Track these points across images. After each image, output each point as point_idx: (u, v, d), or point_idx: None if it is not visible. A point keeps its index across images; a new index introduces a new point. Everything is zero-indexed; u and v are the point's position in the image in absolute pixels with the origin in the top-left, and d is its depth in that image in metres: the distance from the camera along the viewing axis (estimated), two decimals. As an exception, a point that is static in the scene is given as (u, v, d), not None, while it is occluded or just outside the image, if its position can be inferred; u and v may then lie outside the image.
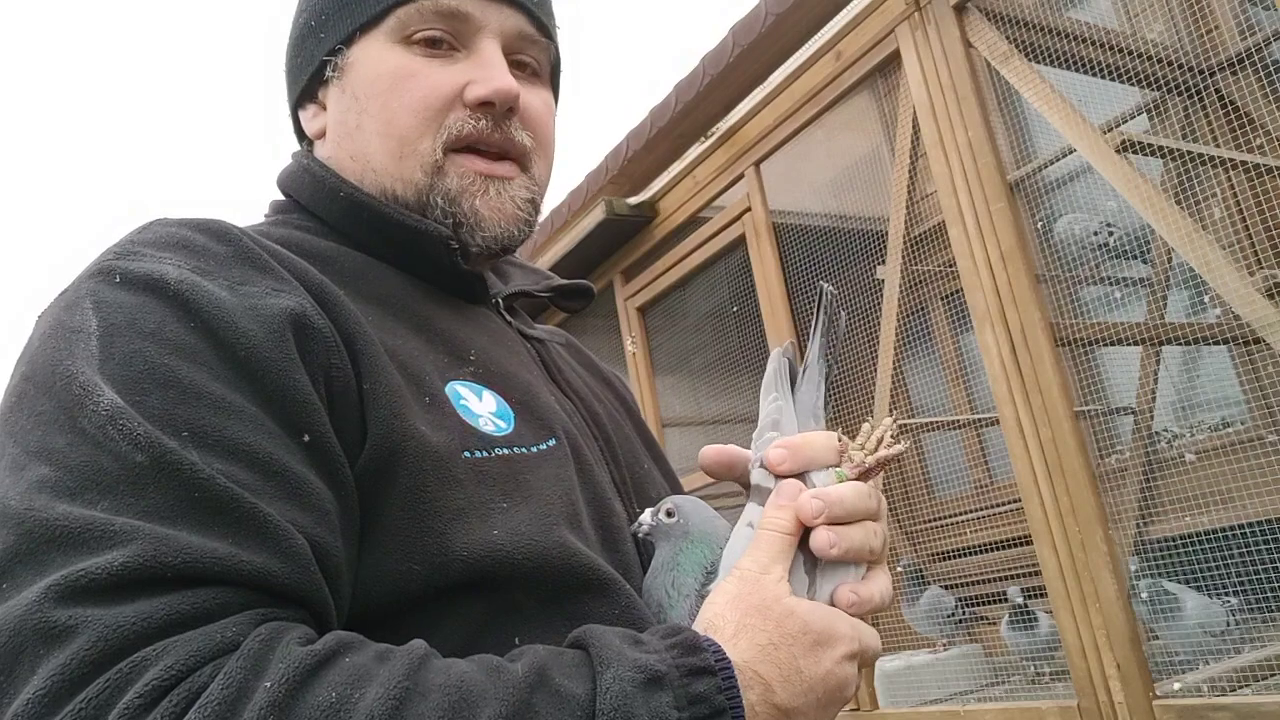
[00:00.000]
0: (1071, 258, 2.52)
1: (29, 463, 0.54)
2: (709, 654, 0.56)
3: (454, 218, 0.78)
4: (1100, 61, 2.33)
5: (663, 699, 0.53)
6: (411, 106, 0.77)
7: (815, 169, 3.20)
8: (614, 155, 3.58)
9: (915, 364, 2.92)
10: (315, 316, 0.63)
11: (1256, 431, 2.29)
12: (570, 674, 0.54)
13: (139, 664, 0.47)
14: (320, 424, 0.60)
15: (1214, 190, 2.49)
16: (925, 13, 2.43)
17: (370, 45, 0.79)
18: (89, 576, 0.49)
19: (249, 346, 0.59)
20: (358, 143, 0.80)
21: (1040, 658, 2.48)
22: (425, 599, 0.62)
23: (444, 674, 0.52)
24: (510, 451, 0.69)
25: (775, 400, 0.74)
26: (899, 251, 2.63)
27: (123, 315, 0.59)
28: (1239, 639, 2.09)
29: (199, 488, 0.53)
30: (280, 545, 0.54)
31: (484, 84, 0.77)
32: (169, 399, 0.56)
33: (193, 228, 0.67)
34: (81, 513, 0.51)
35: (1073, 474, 2.09)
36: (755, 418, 0.76)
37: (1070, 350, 2.32)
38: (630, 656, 0.55)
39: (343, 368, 0.63)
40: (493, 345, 0.79)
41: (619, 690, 0.52)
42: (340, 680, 0.49)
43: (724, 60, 2.95)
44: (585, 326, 4.19)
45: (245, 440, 0.56)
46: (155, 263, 0.62)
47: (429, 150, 0.77)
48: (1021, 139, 2.44)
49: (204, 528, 0.52)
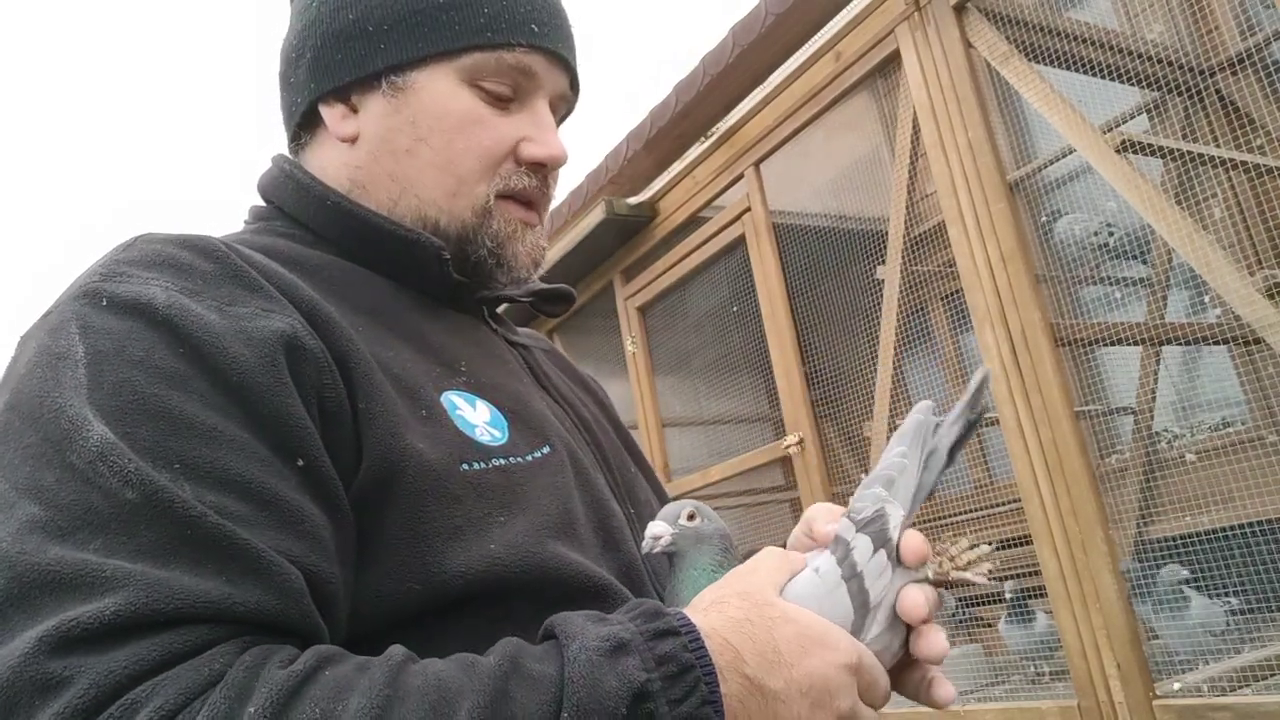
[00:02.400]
0: (1071, 258, 2.52)
1: (18, 500, 0.53)
2: (672, 618, 0.57)
3: (497, 259, 0.81)
4: (1100, 61, 2.33)
5: (629, 662, 0.53)
6: (476, 152, 0.79)
7: (815, 169, 3.19)
8: (614, 155, 3.58)
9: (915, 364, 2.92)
10: (306, 337, 0.63)
11: (1257, 431, 2.29)
12: (541, 658, 0.55)
13: (130, 706, 0.47)
14: (314, 448, 0.60)
15: (1214, 190, 2.49)
16: (925, 13, 2.43)
17: (440, 77, 0.79)
18: (81, 626, 0.49)
19: (240, 372, 0.58)
20: (404, 166, 0.80)
21: (1040, 657, 2.48)
22: (424, 615, 0.62)
23: (421, 676, 0.53)
24: (507, 461, 0.70)
25: (903, 458, 0.71)
26: (899, 251, 2.62)
27: (110, 341, 0.57)
28: (1239, 639, 2.09)
29: (190, 525, 0.52)
30: (273, 580, 0.54)
31: (542, 147, 0.81)
32: (159, 430, 0.55)
33: (178, 245, 0.66)
34: (74, 556, 0.51)
35: (1073, 474, 2.09)
36: (754, 417, 0.75)
37: (1070, 350, 2.32)
38: (594, 630, 0.55)
39: (335, 388, 0.63)
40: (482, 354, 0.80)
41: (585, 659, 0.53)
42: (322, 695, 0.50)
43: (724, 60, 2.95)
44: (585, 327, 4.19)
45: (238, 471, 0.55)
46: (142, 285, 0.61)
47: (482, 195, 0.80)
48: (1021, 139, 2.44)
49: (197, 566, 0.52)
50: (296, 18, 0.85)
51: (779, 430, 3.12)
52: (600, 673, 0.52)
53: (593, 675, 0.52)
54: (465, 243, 0.80)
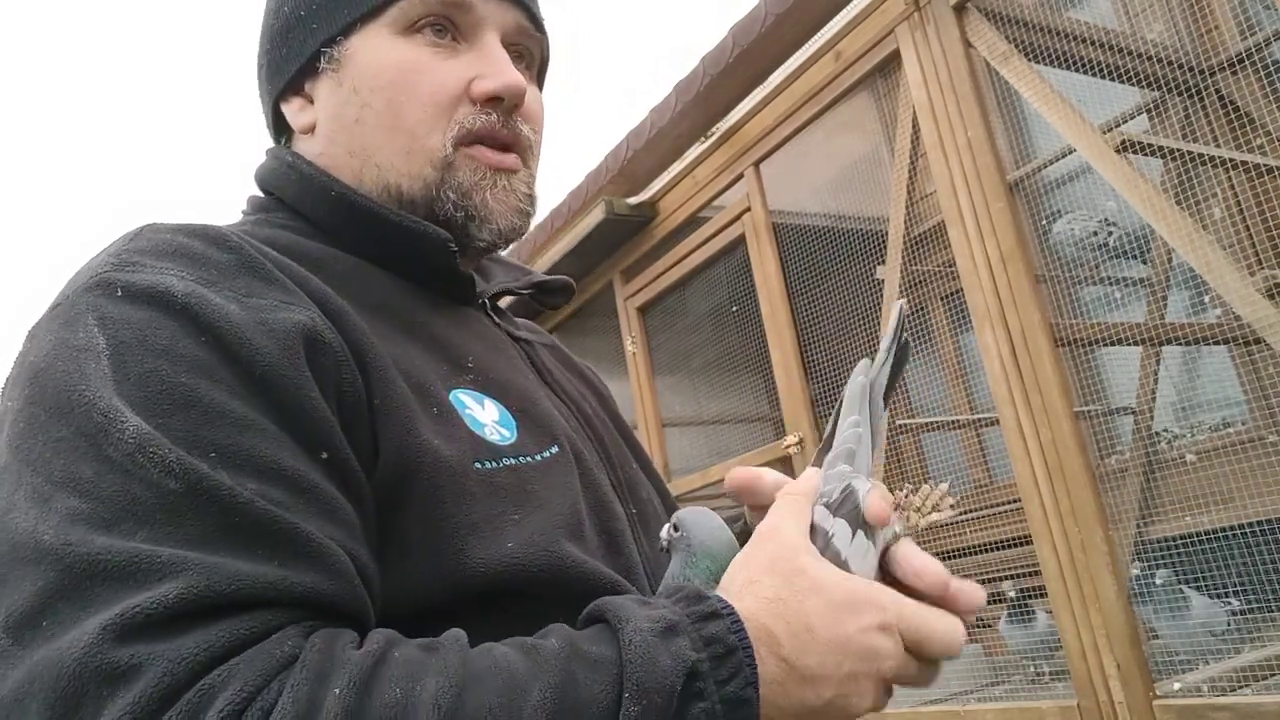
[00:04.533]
0: (1071, 258, 2.52)
1: (55, 494, 0.52)
2: (714, 601, 0.57)
3: (465, 211, 0.76)
4: (1100, 61, 2.33)
5: (680, 643, 0.54)
6: (420, 101, 0.75)
7: (815, 169, 3.20)
8: (614, 155, 3.58)
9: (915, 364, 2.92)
10: (325, 331, 0.62)
11: (1257, 431, 2.29)
12: (595, 640, 0.55)
13: (206, 691, 0.47)
14: (337, 441, 0.59)
15: (1214, 190, 2.49)
16: (925, 13, 2.43)
17: (371, 36, 0.76)
18: (145, 612, 0.48)
19: (265, 364, 0.57)
20: (358, 137, 0.77)
21: (1039, 656, 2.48)
22: (444, 612, 0.62)
23: (488, 658, 0.53)
24: (517, 461, 0.69)
25: (856, 426, 0.69)
26: (899, 251, 2.62)
27: (131, 331, 0.56)
28: (1239, 639, 2.09)
29: (237, 512, 0.52)
30: (326, 562, 0.54)
31: (493, 79, 0.76)
32: (192, 420, 0.54)
33: (189, 234, 0.64)
34: (123, 545, 0.50)
35: (1073, 474, 2.09)
36: (755, 417, 0.75)
37: (1070, 350, 2.32)
38: (644, 613, 0.56)
39: (353, 383, 0.62)
40: (488, 351, 0.78)
41: (640, 641, 0.53)
42: (400, 675, 0.50)
43: (724, 60, 2.95)
44: (585, 327, 4.19)
45: (273, 458, 0.55)
46: (158, 274, 0.59)
47: (438, 145, 0.76)
48: (1021, 139, 2.44)
49: (249, 552, 0.51)
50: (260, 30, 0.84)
51: (779, 430, 3.12)
52: (655, 652, 0.53)
53: (649, 655, 0.53)
54: (433, 202, 0.76)
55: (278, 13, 0.81)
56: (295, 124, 0.81)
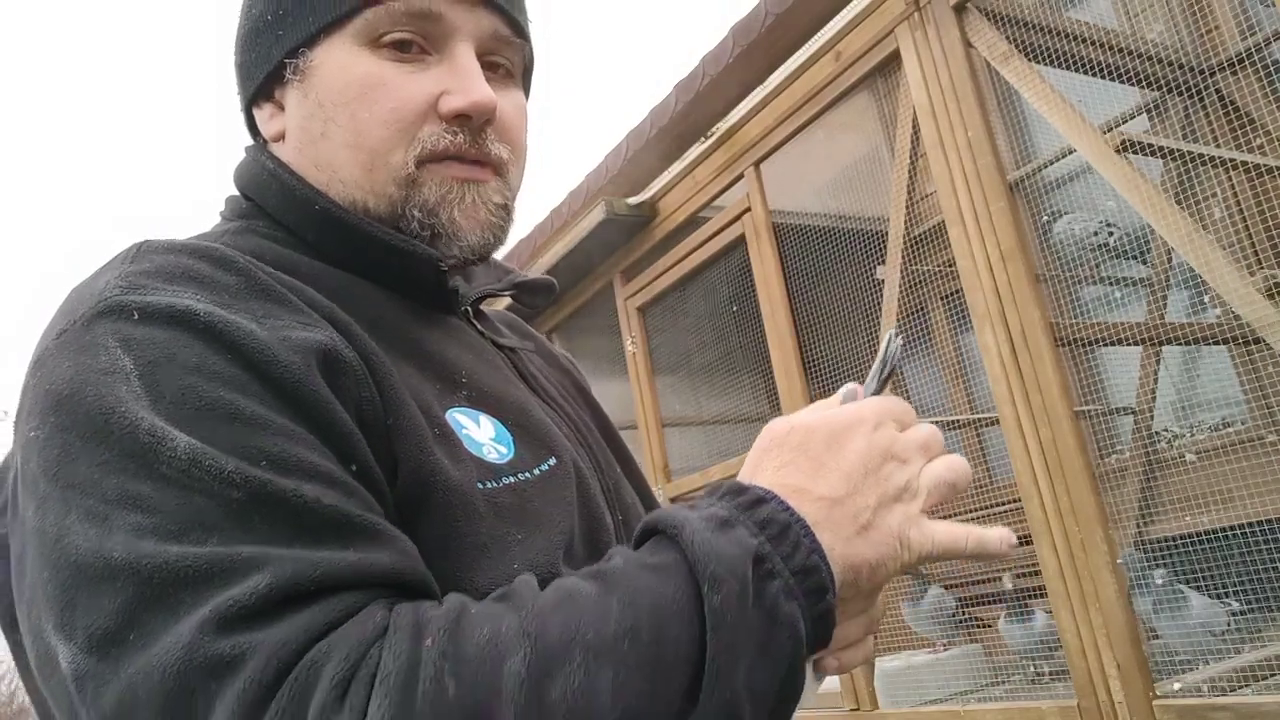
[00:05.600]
0: (1071, 257, 2.52)
1: (113, 512, 0.51)
2: (756, 489, 0.59)
3: (432, 229, 0.74)
4: (1100, 61, 2.33)
5: (739, 532, 0.55)
6: (382, 118, 0.72)
7: (815, 169, 3.20)
8: (614, 155, 3.58)
9: (915, 364, 2.92)
10: (344, 350, 0.62)
11: (1256, 431, 2.29)
12: (656, 551, 0.56)
13: (313, 666, 0.48)
14: (364, 455, 0.59)
15: (1214, 190, 2.49)
16: (925, 13, 2.43)
17: (335, 47, 0.73)
18: (239, 604, 0.48)
19: (294, 380, 0.57)
20: (323, 152, 0.75)
21: (1039, 656, 2.48)
22: None
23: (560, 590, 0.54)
24: (515, 479, 0.68)
25: None
26: (899, 251, 2.63)
27: (158, 351, 0.55)
28: (1239, 639, 2.09)
29: (303, 511, 0.52)
30: (396, 545, 0.56)
31: (461, 95, 0.73)
32: (237, 432, 0.54)
33: (192, 255, 0.63)
34: (200, 550, 0.50)
35: (1073, 474, 2.09)
36: (755, 417, 0.75)
37: (1070, 350, 2.32)
38: (694, 515, 0.57)
39: (372, 401, 0.62)
40: (478, 364, 0.77)
41: (701, 540, 0.54)
42: (483, 617, 0.51)
43: (724, 60, 2.95)
44: (585, 327, 4.19)
45: (321, 465, 0.55)
46: (172, 295, 0.58)
47: (400, 164, 0.73)
48: (1021, 139, 2.44)
49: (323, 544, 0.52)
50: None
51: (779, 430, 3.11)
52: (719, 545, 0.54)
53: (714, 548, 0.54)
54: (398, 220, 0.74)
55: (248, 14, 0.79)
56: (266, 131, 0.79)
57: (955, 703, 2.56)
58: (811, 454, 0.60)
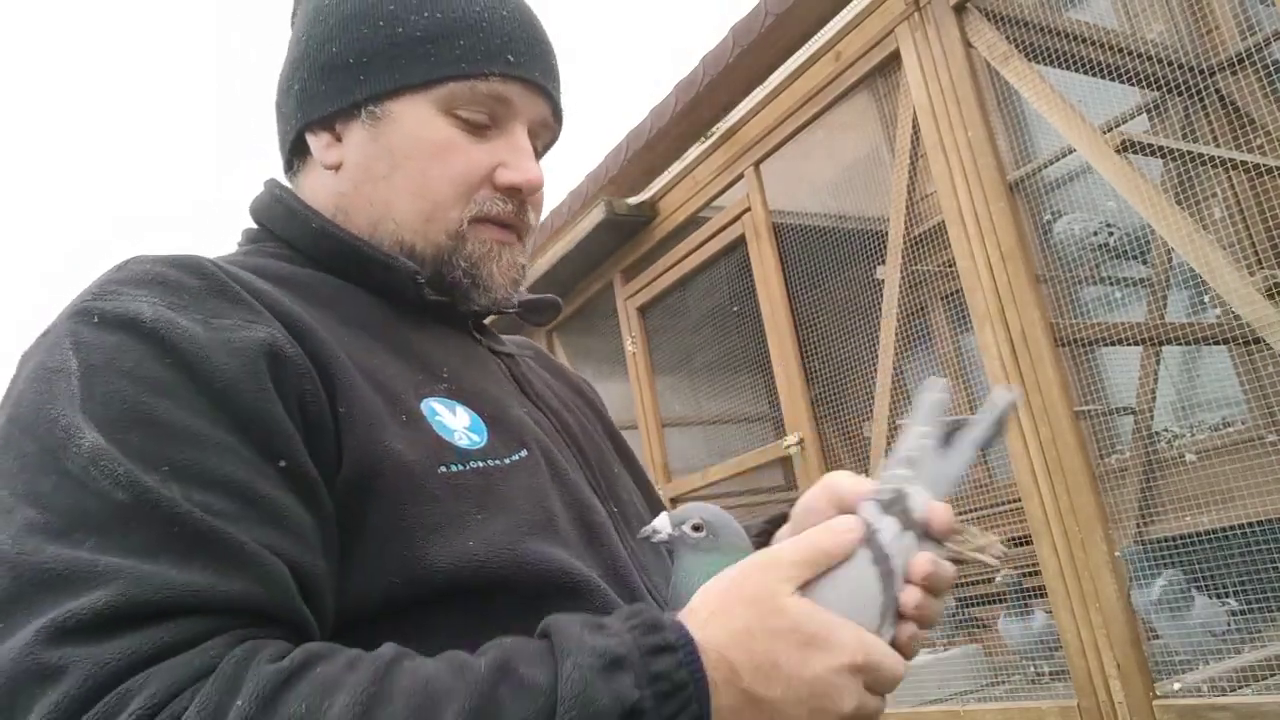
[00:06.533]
0: (1071, 258, 2.52)
1: (17, 505, 0.56)
2: (669, 633, 0.57)
3: (472, 279, 0.83)
4: (1100, 61, 2.33)
5: (623, 680, 0.54)
6: (450, 178, 0.82)
7: (815, 169, 3.20)
8: (614, 155, 3.58)
9: (915, 364, 2.92)
10: (287, 345, 0.66)
11: (1256, 431, 2.29)
12: (534, 662, 0.56)
13: (124, 695, 0.50)
14: (295, 450, 0.63)
15: (1214, 190, 2.49)
16: (925, 13, 2.43)
17: (416, 106, 0.82)
18: (75, 617, 0.51)
19: (225, 380, 0.61)
20: (382, 192, 0.83)
21: (1039, 656, 2.48)
22: (410, 609, 0.65)
23: (410, 675, 0.54)
24: (485, 464, 0.72)
25: (924, 438, 0.70)
26: (899, 251, 2.63)
27: (101, 355, 0.61)
28: (1239, 639, 2.09)
29: (177, 522, 0.55)
30: (258, 571, 0.57)
31: (517, 173, 0.83)
32: (148, 436, 0.58)
33: (168, 264, 0.69)
34: (69, 554, 0.54)
35: (1073, 474, 2.09)
36: (755, 417, 0.76)
37: (1070, 350, 2.32)
38: (590, 643, 0.56)
39: (316, 393, 0.66)
40: (465, 363, 0.83)
41: (579, 677, 0.54)
42: (309, 691, 0.52)
43: (724, 60, 2.95)
44: (585, 327, 4.19)
45: (222, 471, 0.59)
46: (131, 301, 0.64)
47: (456, 220, 0.82)
48: (1021, 139, 2.44)
49: (185, 560, 0.55)
50: (290, 49, 0.88)
51: (779, 430, 3.12)
52: (594, 691, 0.53)
53: (587, 693, 0.53)
54: (441, 264, 0.83)
55: (322, 48, 0.84)
56: (321, 158, 0.86)
57: (955, 703, 2.56)
58: (774, 648, 0.58)
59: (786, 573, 0.61)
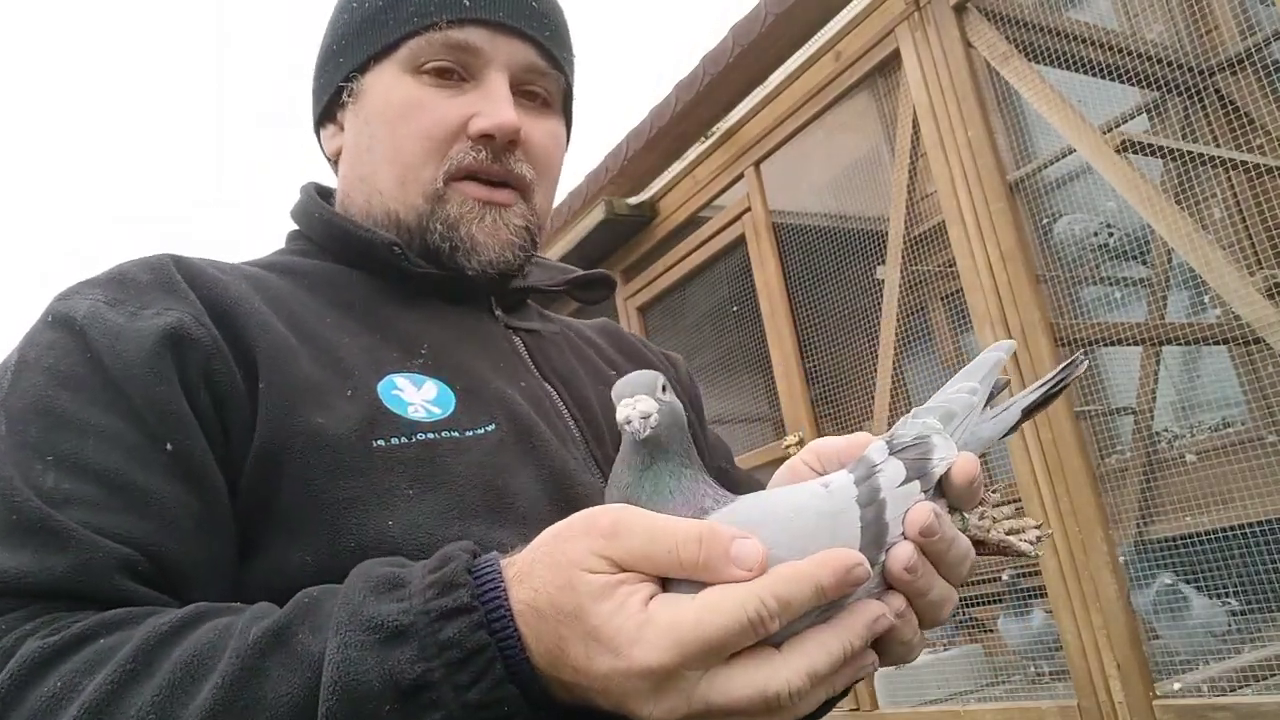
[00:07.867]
0: (1071, 258, 2.52)
1: None
2: (467, 590, 0.50)
3: (451, 242, 0.81)
4: (1100, 61, 2.33)
5: (402, 654, 0.49)
6: (417, 136, 0.80)
7: (815, 169, 3.20)
8: (614, 155, 3.58)
9: (915, 364, 2.92)
10: (195, 328, 0.67)
11: (1256, 431, 2.29)
12: (319, 626, 0.52)
13: None
14: (184, 433, 0.64)
15: (1214, 190, 2.49)
16: (925, 13, 2.43)
17: (383, 73, 0.82)
18: None
19: (122, 367, 0.64)
20: (367, 166, 0.83)
21: (1039, 656, 2.48)
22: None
23: (184, 645, 0.53)
24: (436, 436, 0.70)
25: (971, 394, 0.62)
26: (899, 251, 2.63)
27: (35, 352, 0.65)
28: (1239, 639, 2.09)
29: (16, 510, 0.58)
30: (81, 555, 0.58)
31: (486, 117, 0.80)
32: (44, 427, 0.62)
33: (138, 262, 0.72)
34: None
35: (1073, 474, 2.09)
36: (755, 417, 0.74)
37: (1070, 350, 2.32)
38: (368, 613, 0.51)
39: (227, 373, 0.67)
40: (456, 339, 0.81)
41: (343, 659, 0.49)
42: (73, 668, 0.53)
43: (724, 60, 2.95)
44: (585, 326, 4.19)
45: (98, 460, 0.61)
46: (80, 300, 0.68)
47: (430, 179, 0.80)
48: (1021, 139, 2.44)
49: (15, 547, 0.57)
50: None
51: (779, 430, 3.12)
52: (360, 671, 0.49)
53: (352, 674, 0.49)
54: (423, 231, 0.81)
55: (321, 47, 0.89)
56: (326, 149, 0.89)
57: (955, 703, 2.56)
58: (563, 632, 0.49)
59: (599, 545, 0.50)
